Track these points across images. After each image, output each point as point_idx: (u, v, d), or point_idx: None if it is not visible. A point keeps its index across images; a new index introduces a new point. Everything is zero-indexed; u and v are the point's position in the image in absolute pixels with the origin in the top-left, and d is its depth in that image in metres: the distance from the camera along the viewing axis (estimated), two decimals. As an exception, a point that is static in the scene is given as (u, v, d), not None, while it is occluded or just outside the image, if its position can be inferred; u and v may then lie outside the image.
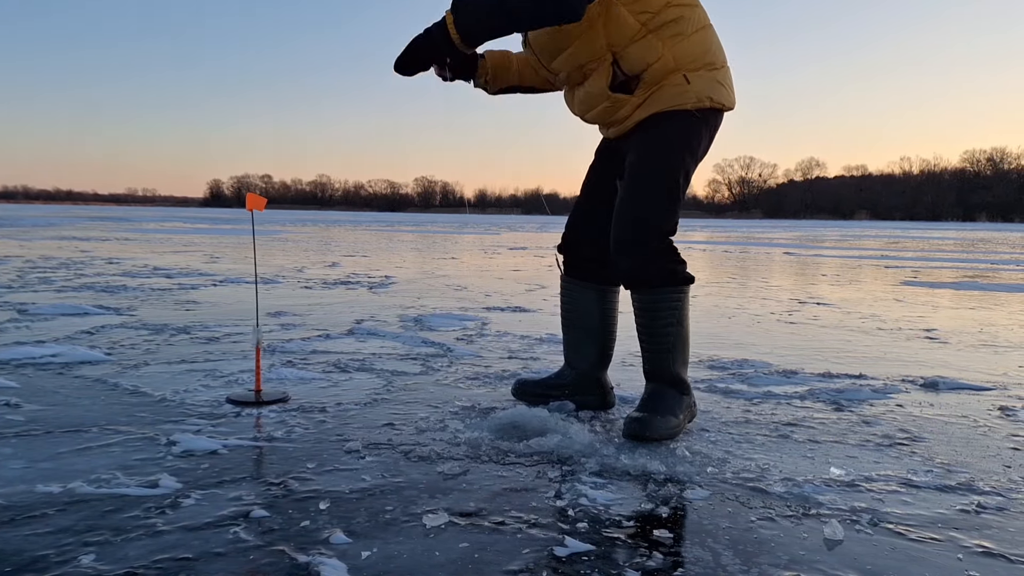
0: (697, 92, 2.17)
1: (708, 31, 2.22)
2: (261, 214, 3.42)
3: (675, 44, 2.15)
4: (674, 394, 2.25)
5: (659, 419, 2.17)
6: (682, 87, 2.17)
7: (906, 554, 1.49)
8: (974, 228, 63.88)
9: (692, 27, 2.17)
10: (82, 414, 2.33)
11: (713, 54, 2.22)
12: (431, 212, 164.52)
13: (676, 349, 2.26)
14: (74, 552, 1.41)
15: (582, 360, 2.53)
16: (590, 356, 2.52)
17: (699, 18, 2.20)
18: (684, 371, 2.30)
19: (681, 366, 2.29)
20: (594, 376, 2.53)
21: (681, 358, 2.28)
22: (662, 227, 2.21)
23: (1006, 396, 2.90)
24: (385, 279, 7.39)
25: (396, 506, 1.67)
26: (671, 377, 2.27)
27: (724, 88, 2.24)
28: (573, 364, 2.56)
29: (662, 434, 2.16)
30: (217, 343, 3.61)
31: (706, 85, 2.19)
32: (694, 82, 2.17)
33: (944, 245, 21.71)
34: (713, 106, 2.21)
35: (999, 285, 8.35)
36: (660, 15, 2.13)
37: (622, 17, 2.12)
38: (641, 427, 2.16)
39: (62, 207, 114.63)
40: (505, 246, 15.66)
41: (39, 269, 7.35)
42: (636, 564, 1.42)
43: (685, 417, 2.26)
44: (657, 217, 2.21)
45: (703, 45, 2.19)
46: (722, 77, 2.24)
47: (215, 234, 18.43)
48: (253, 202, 2.63)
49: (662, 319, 2.23)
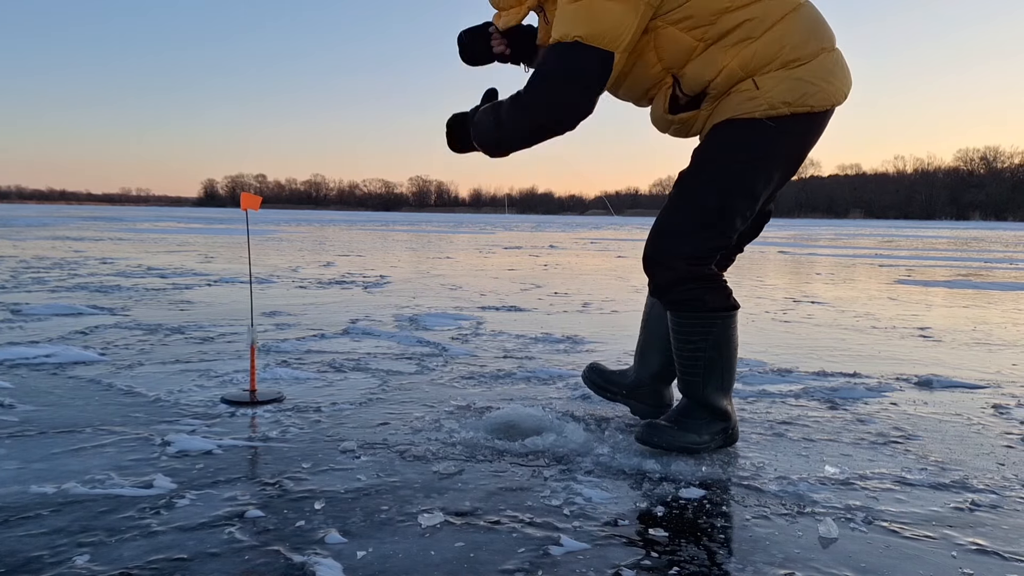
0: (769, 98, 1.90)
1: (791, 20, 1.91)
2: (256, 214, 3.41)
3: (741, 51, 1.91)
4: (704, 415, 2.07)
5: (676, 432, 2.04)
6: (750, 93, 1.92)
7: (900, 552, 1.50)
8: (967, 227, 64.07)
9: (763, 26, 1.90)
10: (76, 414, 2.32)
11: (795, 47, 1.90)
12: (426, 211, 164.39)
13: (709, 375, 2.05)
14: (68, 553, 1.40)
15: (644, 367, 2.40)
16: (652, 365, 2.38)
17: (776, 9, 1.91)
18: (720, 398, 2.08)
19: (715, 392, 2.07)
20: (653, 386, 2.39)
21: (715, 384, 2.06)
22: (690, 252, 1.98)
23: (999, 394, 2.91)
24: (380, 279, 7.38)
25: (391, 506, 1.66)
26: (701, 401, 2.07)
27: (812, 84, 1.91)
28: (636, 370, 2.44)
29: (672, 445, 2.03)
30: (212, 343, 3.60)
31: (783, 88, 1.90)
32: (765, 86, 1.91)
33: (938, 244, 21.78)
34: (795, 111, 1.92)
35: (992, 283, 8.37)
36: (718, 25, 1.90)
37: (674, 37, 1.93)
38: (651, 433, 2.04)
39: (56, 207, 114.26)
40: (500, 245, 15.66)
41: (33, 269, 7.32)
42: (631, 563, 1.42)
43: (713, 440, 2.07)
44: (685, 241, 1.99)
45: (779, 42, 1.89)
46: (808, 72, 1.91)
47: (209, 234, 18.38)
48: (248, 201, 2.63)
49: (691, 343, 2.04)
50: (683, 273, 1.99)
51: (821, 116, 1.98)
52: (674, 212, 2.03)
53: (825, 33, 1.97)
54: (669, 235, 2.02)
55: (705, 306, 2.01)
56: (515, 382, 2.93)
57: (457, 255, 11.81)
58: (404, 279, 7.42)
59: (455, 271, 8.57)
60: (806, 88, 1.91)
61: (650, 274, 2.07)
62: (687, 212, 2.01)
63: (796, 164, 2.04)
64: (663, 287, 2.04)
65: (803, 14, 1.94)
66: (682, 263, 1.99)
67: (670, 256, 2.00)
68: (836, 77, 1.96)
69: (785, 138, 1.96)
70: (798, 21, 1.93)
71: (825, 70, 1.94)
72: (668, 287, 2.02)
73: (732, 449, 2.13)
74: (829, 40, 1.97)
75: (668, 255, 2.00)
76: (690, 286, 2.00)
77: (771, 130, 1.93)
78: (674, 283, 2.01)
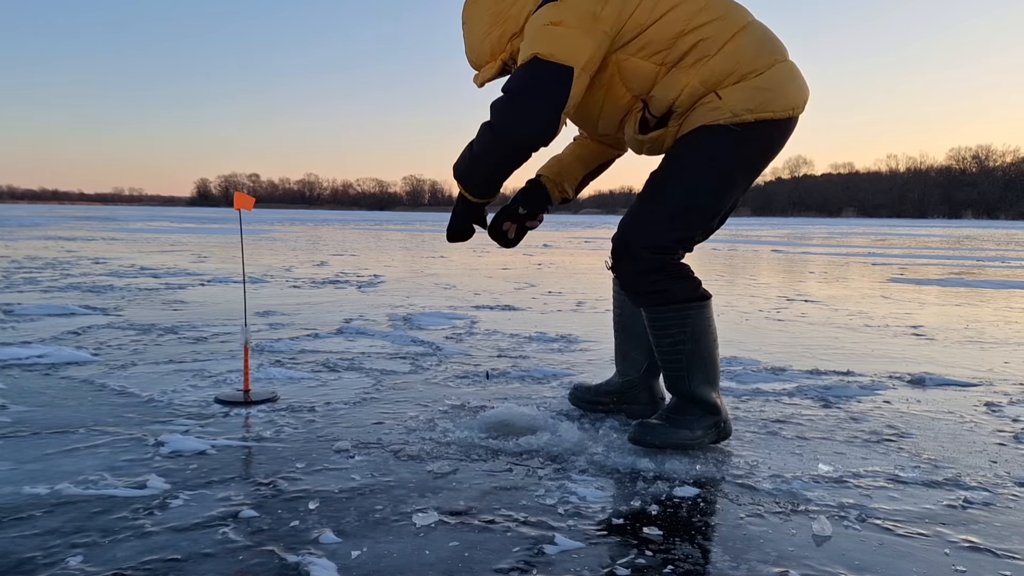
0: (732, 107, 1.99)
1: (742, 37, 2.02)
2: (249, 213, 3.40)
3: (700, 69, 2.00)
4: (695, 411, 2.10)
5: (668, 429, 2.06)
6: (713, 103, 2.01)
7: (894, 549, 1.50)
8: (960, 225, 64.33)
9: (717, 44, 2.00)
10: (69, 415, 2.31)
11: (750, 61, 2.01)
12: (420, 211, 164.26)
13: (692, 368, 2.08)
14: (62, 554, 1.40)
15: (631, 367, 2.44)
16: (638, 363, 2.42)
17: (726, 29, 2.02)
18: (708, 392, 2.11)
19: (701, 385, 2.10)
20: (645, 384, 2.43)
21: (700, 377, 2.09)
22: (655, 242, 2.04)
23: (992, 392, 2.93)
24: (374, 278, 7.38)
25: (386, 505, 1.66)
26: (689, 396, 2.10)
27: (770, 91, 2.01)
28: (622, 371, 2.47)
29: (665, 442, 2.05)
30: (205, 343, 3.59)
31: (744, 96, 1.99)
32: (727, 97, 2.00)
33: (930, 242, 21.86)
34: (760, 118, 2.00)
35: (985, 282, 8.41)
36: (675, 48, 2.00)
37: (636, 66, 2.03)
38: (643, 432, 2.06)
39: (48, 207, 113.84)
40: (493, 244, 15.60)
41: (25, 269, 7.29)
42: (626, 562, 1.42)
43: (706, 435, 2.09)
44: (651, 231, 2.05)
45: (734, 57, 2.00)
46: (765, 81, 2.01)
47: (202, 233, 18.33)
48: (241, 201, 2.62)
49: (669, 336, 2.08)
50: (649, 263, 2.05)
51: (784, 124, 2.06)
52: (640, 205, 2.11)
53: (777, 46, 2.07)
54: (635, 226, 2.09)
55: (674, 297, 2.06)
56: (509, 381, 2.93)
57: (451, 254, 11.79)
58: (398, 278, 7.41)
59: (449, 270, 8.56)
60: (765, 95, 2.00)
61: (618, 267, 2.13)
62: (653, 206, 2.08)
63: (757, 171, 2.12)
64: (630, 278, 2.10)
65: (752, 31, 2.05)
66: (647, 253, 2.05)
67: (636, 247, 2.06)
68: (794, 84, 2.06)
69: (747, 144, 2.04)
70: (748, 37, 2.04)
71: (782, 78, 2.04)
72: (635, 278, 2.08)
73: (726, 447, 2.13)
74: (781, 53, 2.07)
75: (634, 246, 2.06)
76: (656, 277, 2.05)
77: (736, 135, 2.01)
78: (640, 274, 2.06)
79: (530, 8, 2.06)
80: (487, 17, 2.11)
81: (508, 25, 2.09)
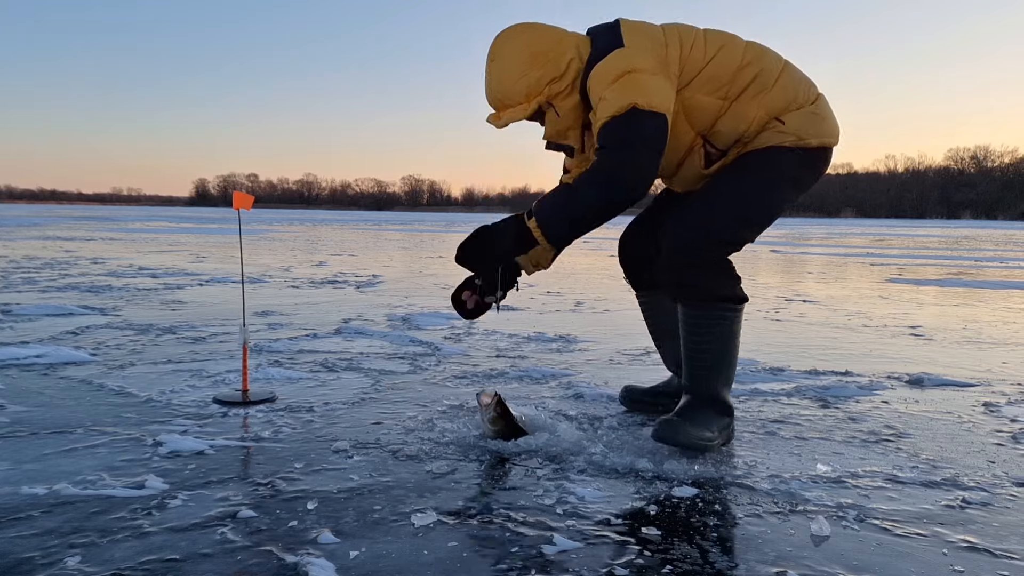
0: (796, 131, 2.08)
1: (788, 70, 2.13)
2: (248, 213, 3.40)
3: (762, 100, 2.08)
4: (711, 411, 2.10)
5: (692, 427, 2.04)
6: (778, 128, 2.08)
7: (892, 549, 1.51)
8: (958, 225, 64.38)
9: (772, 77, 2.09)
10: (67, 415, 2.31)
11: (804, 92, 2.13)
12: (418, 211, 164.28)
13: (718, 368, 2.11)
14: (60, 554, 1.40)
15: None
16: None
17: (775, 63, 2.12)
18: (726, 392, 2.14)
19: (722, 386, 2.13)
20: None
21: (723, 378, 2.13)
22: (721, 237, 2.08)
23: (990, 392, 2.93)
24: (372, 278, 7.38)
25: (384, 505, 1.66)
26: (709, 396, 2.11)
27: (826, 119, 2.14)
28: (677, 373, 2.46)
29: (692, 442, 2.03)
30: (203, 343, 3.59)
31: (806, 122, 2.10)
32: (791, 122, 2.09)
33: (929, 243, 21.88)
34: (821, 144, 2.12)
35: (983, 282, 8.42)
36: (736, 81, 2.06)
37: (701, 103, 2.06)
38: (672, 430, 2.03)
39: (46, 206, 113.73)
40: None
41: (23, 269, 7.29)
42: (624, 562, 1.42)
43: (721, 436, 2.10)
44: (717, 227, 2.08)
45: (791, 87, 2.10)
46: (819, 109, 2.14)
47: (201, 233, 18.32)
48: (240, 201, 2.62)
49: (709, 334, 2.09)
50: (712, 258, 2.09)
51: (830, 152, 2.18)
52: (708, 203, 2.12)
53: (811, 81, 2.19)
54: (705, 221, 2.09)
55: (725, 294, 2.09)
56: (508, 381, 2.93)
57: (450, 255, 11.79)
58: (397, 278, 7.41)
59: (448, 270, 8.56)
60: (821, 122, 2.13)
61: (679, 263, 2.09)
62: (723, 203, 2.11)
63: (802, 193, 2.23)
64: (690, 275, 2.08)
65: (792, 66, 2.17)
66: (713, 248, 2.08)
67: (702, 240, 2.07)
68: (833, 115, 2.19)
69: (804, 167, 2.14)
70: (793, 70, 2.15)
71: (824, 107, 2.17)
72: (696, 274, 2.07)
73: (725, 447, 2.13)
74: (816, 86, 2.19)
75: (701, 239, 2.07)
76: (715, 273, 2.08)
77: (799, 156, 2.10)
78: (702, 269, 2.08)
79: (571, 55, 2.05)
80: (524, 56, 2.05)
81: (548, 69, 2.05)
